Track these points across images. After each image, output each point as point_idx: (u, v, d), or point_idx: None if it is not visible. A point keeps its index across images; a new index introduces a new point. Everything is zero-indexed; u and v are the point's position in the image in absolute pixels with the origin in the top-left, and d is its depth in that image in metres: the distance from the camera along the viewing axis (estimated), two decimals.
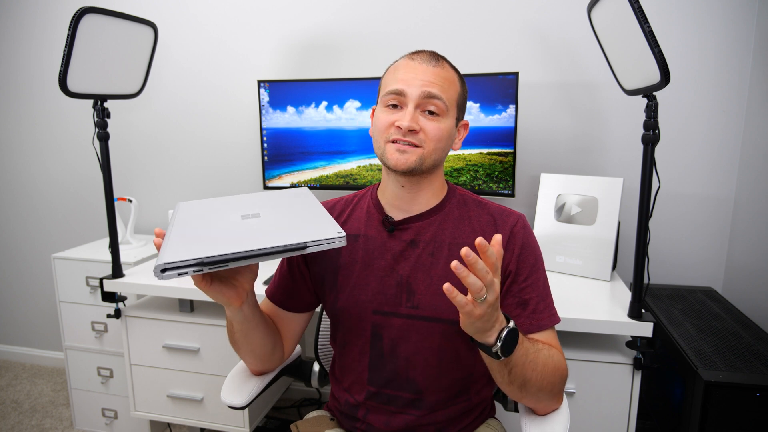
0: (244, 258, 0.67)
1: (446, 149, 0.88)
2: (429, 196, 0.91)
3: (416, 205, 0.90)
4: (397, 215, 0.91)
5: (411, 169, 0.84)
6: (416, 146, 0.83)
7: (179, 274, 0.64)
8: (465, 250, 0.62)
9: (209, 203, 0.88)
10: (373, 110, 0.93)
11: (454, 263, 0.62)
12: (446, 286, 0.63)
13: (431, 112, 0.84)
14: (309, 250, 0.70)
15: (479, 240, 0.63)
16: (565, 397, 0.90)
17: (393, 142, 0.84)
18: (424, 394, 0.90)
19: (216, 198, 0.90)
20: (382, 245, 0.90)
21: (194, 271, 0.65)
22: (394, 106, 0.85)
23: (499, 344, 0.70)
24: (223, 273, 0.77)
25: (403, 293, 0.88)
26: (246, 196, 0.92)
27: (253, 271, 0.80)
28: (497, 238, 0.67)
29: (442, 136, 0.85)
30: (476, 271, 0.62)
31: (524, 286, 0.86)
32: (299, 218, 0.81)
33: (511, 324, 0.72)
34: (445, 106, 0.84)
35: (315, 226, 0.76)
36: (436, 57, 0.86)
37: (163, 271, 0.63)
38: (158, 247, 0.71)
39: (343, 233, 0.72)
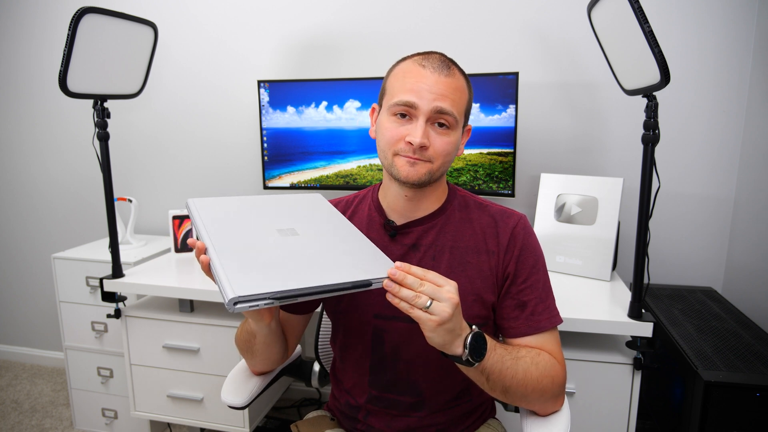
0: (314, 293, 0.67)
1: (453, 159, 0.87)
2: (432, 201, 0.90)
3: (418, 211, 0.90)
4: (398, 219, 0.91)
5: (421, 182, 0.83)
6: (425, 161, 0.82)
7: (250, 307, 0.64)
8: (390, 270, 0.68)
9: (225, 203, 0.86)
10: (373, 109, 0.91)
11: (385, 282, 0.68)
12: (388, 295, 0.69)
13: (441, 124, 0.82)
14: (373, 287, 0.71)
15: (398, 263, 0.69)
16: (566, 398, 0.90)
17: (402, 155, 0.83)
18: (425, 396, 0.89)
19: (228, 198, 0.88)
20: (384, 249, 0.89)
21: (266, 305, 0.64)
22: (403, 116, 0.82)
23: (466, 351, 0.70)
24: None
25: None
26: (262, 200, 0.90)
27: None
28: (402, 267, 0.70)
29: (450, 151, 0.83)
30: (408, 286, 0.68)
31: (523, 287, 0.86)
32: (345, 246, 0.80)
33: (475, 328, 0.73)
34: (455, 119, 0.82)
35: (369, 258, 0.77)
36: (446, 63, 0.82)
37: (236, 303, 0.62)
38: (205, 265, 0.69)
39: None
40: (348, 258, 0.76)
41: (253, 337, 0.88)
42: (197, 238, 0.75)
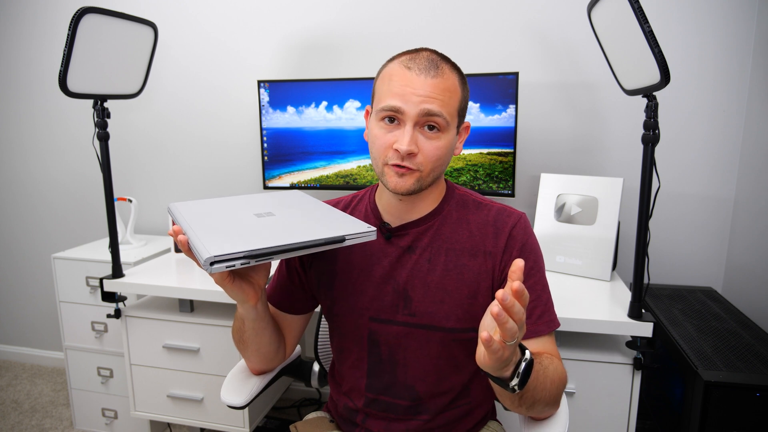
0: (288, 251, 0.68)
1: (447, 162, 0.84)
2: (428, 203, 0.88)
3: (414, 212, 0.88)
4: (394, 221, 0.89)
5: (409, 192, 0.81)
6: (414, 170, 0.79)
7: (227, 267, 0.65)
8: (501, 294, 0.57)
9: (206, 204, 0.87)
10: (367, 111, 0.89)
11: (495, 310, 0.57)
12: (484, 335, 0.58)
13: (431, 127, 0.79)
14: (346, 243, 0.72)
15: (517, 285, 0.58)
16: (564, 397, 0.89)
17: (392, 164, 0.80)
18: (423, 400, 0.89)
19: (208, 199, 0.89)
20: (379, 251, 0.88)
21: (242, 264, 0.65)
22: (391, 120, 0.80)
23: (516, 380, 0.66)
24: (241, 270, 0.78)
25: (400, 300, 0.86)
26: (241, 198, 0.91)
27: (266, 269, 0.80)
28: (519, 264, 0.61)
29: (441, 155, 0.80)
30: (513, 315, 0.58)
31: None
32: (318, 215, 0.82)
33: (527, 354, 0.68)
34: (446, 121, 0.78)
35: (343, 222, 0.78)
36: (435, 63, 0.79)
37: (212, 264, 0.63)
38: (183, 244, 0.70)
39: (374, 228, 0.75)
40: (322, 221, 0.79)
41: (242, 324, 0.87)
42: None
